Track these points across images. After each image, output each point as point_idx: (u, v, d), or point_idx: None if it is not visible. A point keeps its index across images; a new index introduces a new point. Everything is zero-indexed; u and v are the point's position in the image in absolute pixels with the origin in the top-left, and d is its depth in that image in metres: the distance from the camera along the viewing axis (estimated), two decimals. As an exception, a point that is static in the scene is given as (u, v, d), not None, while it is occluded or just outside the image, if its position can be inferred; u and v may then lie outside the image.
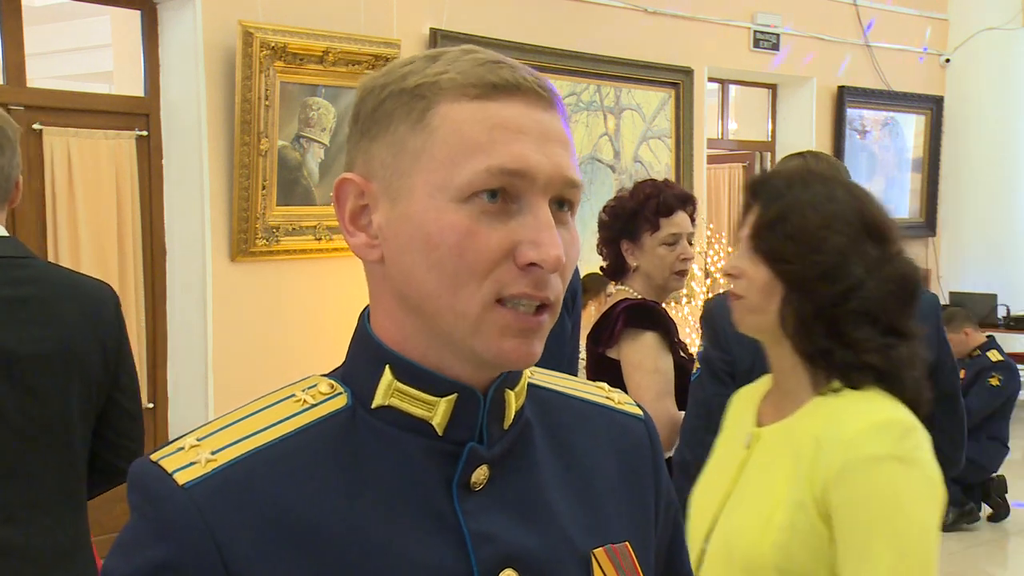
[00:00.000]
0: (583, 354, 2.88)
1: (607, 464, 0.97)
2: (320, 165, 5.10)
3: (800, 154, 2.51)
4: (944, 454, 2.30)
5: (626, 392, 2.53)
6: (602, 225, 2.79)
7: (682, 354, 2.70)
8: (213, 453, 0.82)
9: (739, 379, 2.22)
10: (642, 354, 2.57)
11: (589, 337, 2.74)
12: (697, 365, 2.35)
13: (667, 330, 2.62)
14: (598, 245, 2.82)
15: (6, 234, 1.92)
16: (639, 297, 2.70)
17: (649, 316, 2.61)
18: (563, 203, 0.85)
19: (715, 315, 2.28)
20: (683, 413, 2.45)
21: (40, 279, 1.92)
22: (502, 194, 0.81)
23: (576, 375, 2.84)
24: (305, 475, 0.83)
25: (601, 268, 2.85)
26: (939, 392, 2.22)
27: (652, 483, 1.00)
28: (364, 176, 0.86)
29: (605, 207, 2.79)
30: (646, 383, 2.55)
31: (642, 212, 2.68)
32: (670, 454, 2.46)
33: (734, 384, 2.22)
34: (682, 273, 2.74)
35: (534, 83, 0.84)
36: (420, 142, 0.83)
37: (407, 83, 0.84)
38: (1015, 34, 8.83)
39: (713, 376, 2.27)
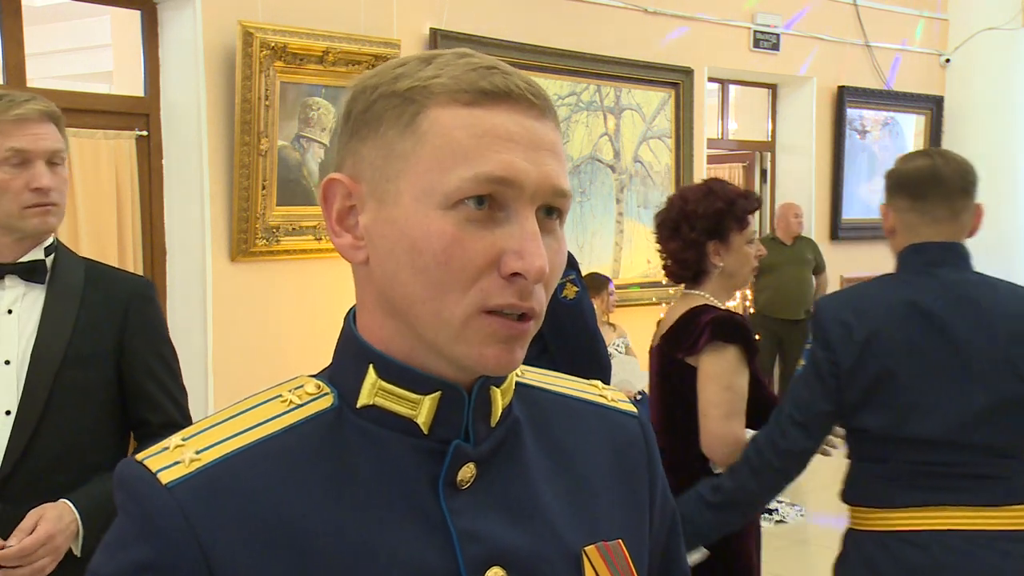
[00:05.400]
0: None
1: (600, 462, 0.97)
2: (320, 165, 5.10)
3: (927, 152, 2.42)
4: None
5: (695, 401, 2.54)
6: (679, 230, 2.72)
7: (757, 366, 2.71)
8: (197, 453, 0.82)
9: (842, 379, 2.24)
10: (721, 367, 2.57)
11: (665, 340, 2.71)
12: (801, 362, 2.36)
13: (749, 344, 2.62)
14: (673, 250, 2.74)
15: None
16: (722, 307, 2.70)
17: (736, 330, 2.60)
18: (551, 211, 0.84)
19: (822, 315, 2.30)
20: (750, 434, 2.48)
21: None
22: (489, 201, 0.81)
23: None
24: (290, 475, 0.82)
25: (670, 272, 2.79)
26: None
27: (647, 481, 1.00)
28: (352, 177, 0.86)
29: (686, 212, 2.71)
30: (717, 399, 2.54)
31: (732, 211, 2.68)
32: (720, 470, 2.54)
33: (837, 384, 2.25)
34: (755, 269, 2.78)
35: (526, 90, 0.83)
36: (409, 146, 0.82)
37: (398, 86, 0.84)
38: (1015, 34, 8.82)
39: (818, 376, 2.28)
